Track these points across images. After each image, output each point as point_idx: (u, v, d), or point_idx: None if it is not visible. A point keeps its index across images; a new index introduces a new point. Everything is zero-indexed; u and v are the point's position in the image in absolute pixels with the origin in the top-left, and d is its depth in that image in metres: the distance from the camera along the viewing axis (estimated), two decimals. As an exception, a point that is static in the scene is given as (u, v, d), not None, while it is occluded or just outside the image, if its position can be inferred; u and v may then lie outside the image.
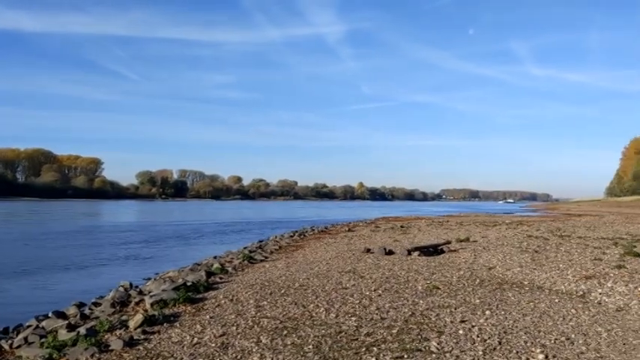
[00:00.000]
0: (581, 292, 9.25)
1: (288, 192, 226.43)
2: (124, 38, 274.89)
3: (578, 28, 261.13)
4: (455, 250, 15.78)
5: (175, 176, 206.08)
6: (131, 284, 11.79)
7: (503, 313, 7.62)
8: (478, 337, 6.29)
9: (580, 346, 5.95)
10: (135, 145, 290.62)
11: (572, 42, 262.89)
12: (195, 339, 6.34)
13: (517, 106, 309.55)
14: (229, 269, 12.47)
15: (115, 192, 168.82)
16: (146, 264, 18.14)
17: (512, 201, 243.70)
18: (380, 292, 9.20)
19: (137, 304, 8.89)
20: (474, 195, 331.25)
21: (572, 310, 7.80)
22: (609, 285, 9.60)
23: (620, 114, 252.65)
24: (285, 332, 6.56)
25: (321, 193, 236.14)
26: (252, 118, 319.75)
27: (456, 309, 7.85)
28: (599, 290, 9.26)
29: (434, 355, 5.59)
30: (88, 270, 16.77)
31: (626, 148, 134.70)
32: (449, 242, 17.51)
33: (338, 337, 6.33)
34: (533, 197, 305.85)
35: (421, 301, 8.38)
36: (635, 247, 15.63)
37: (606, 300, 8.61)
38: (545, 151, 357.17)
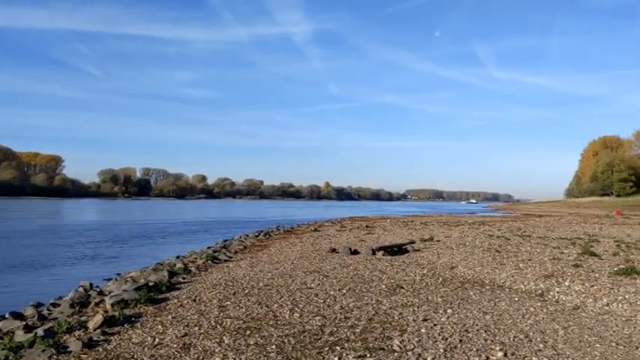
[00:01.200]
0: (539, 291, 9.49)
1: (254, 191, 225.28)
2: (88, 34, 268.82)
3: (540, 33, 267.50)
4: (419, 250, 15.97)
5: (139, 175, 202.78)
6: (91, 285, 11.53)
7: (464, 311, 7.75)
8: (440, 335, 6.38)
9: (538, 343, 6.10)
10: (98, 143, 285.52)
11: (533, 47, 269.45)
12: (157, 340, 6.24)
13: (481, 109, 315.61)
14: (192, 269, 12.32)
15: (75, 190, 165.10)
16: (108, 264, 17.78)
17: (474, 201, 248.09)
18: (344, 291, 9.24)
19: (97, 304, 8.70)
20: (439, 195, 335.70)
21: (531, 309, 7.99)
22: (567, 284, 9.86)
23: (579, 117, 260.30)
24: (249, 332, 6.52)
25: (288, 193, 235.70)
26: (218, 116, 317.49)
27: (418, 308, 7.94)
28: (557, 289, 9.51)
29: (396, 354, 5.64)
30: (48, 270, 16.33)
31: (585, 151, 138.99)
32: (413, 242, 17.72)
33: (301, 336, 6.33)
34: (495, 198, 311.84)
35: (385, 300, 8.45)
36: (591, 246, 16.11)
37: (563, 298, 8.85)
38: (507, 152, 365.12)
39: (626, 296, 8.65)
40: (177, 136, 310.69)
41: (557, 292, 9.26)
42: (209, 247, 18.73)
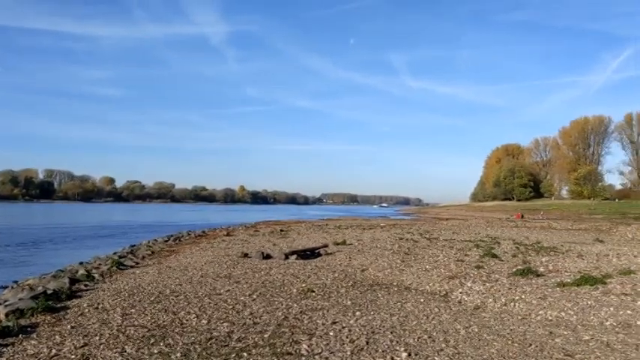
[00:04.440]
0: (444, 292, 9.85)
1: (165, 194, 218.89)
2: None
3: (450, 45, 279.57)
4: (331, 253, 16.13)
5: (41, 176, 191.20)
6: (-17, 294, 10.69)
7: (372, 313, 7.89)
8: (347, 337, 6.44)
9: (440, 343, 6.30)
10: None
11: (444, 57, 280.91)
12: (54, 351, 5.86)
13: (394, 115, 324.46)
14: (96, 276, 11.74)
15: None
16: (4, 271, 16.56)
17: (386, 205, 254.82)
18: (255, 296, 9.14)
19: (-12, 315, 8.06)
20: (353, 199, 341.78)
21: (435, 309, 8.27)
22: (469, 284, 10.31)
23: (484, 126, 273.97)
24: (153, 341, 6.27)
25: (201, 196, 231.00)
26: (128, 116, 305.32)
27: (328, 311, 7.99)
28: (460, 290, 9.91)
29: (304, 358, 5.63)
30: None
31: (489, 157, 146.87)
32: (326, 245, 17.88)
33: (208, 343, 6.17)
34: (406, 202, 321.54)
35: (295, 305, 8.44)
36: (493, 248, 16.98)
37: (466, 299, 9.24)
38: (418, 158, 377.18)
39: (523, 296, 9.16)
40: (84, 136, 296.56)
41: (460, 293, 9.66)
42: (115, 253, 17.94)
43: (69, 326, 6.99)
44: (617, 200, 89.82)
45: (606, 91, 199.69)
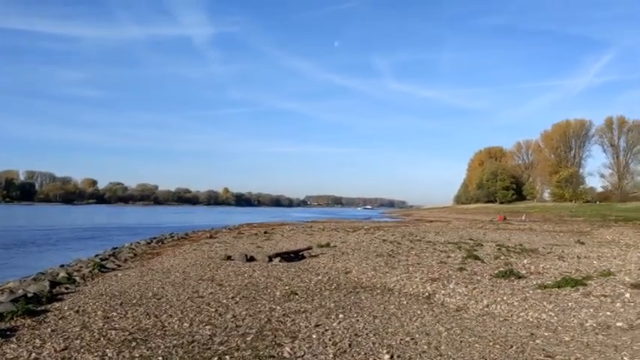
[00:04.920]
0: (427, 294, 9.89)
1: (148, 196, 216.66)
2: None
3: (432, 48, 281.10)
4: (315, 256, 16.12)
5: (22, 178, 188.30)
6: (-40, 298, 10.50)
7: (355, 315, 7.90)
8: (330, 340, 6.45)
9: (422, 345, 6.33)
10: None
11: (426, 60, 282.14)
12: (33, 354, 5.79)
13: (378, 118, 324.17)
14: (77, 279, 11.61)
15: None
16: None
17: (370, 207, 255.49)
18: (237, 299, 9.10)
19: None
20: (338, 201, 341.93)
21: (418, 311, 8.31)
22: (451, 286, 10.36)
23: (466, 128, 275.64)
24: (134, 344, 6.22)
25: (184, 199, 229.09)
26: (110, 118, 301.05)
27: (311, 314, 7.99)
28: (443, 291, 9.96)
29: (286, 361, 5.62)
30: None
31: (472, 160, 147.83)
32: (310, 248, 17.86)
33: (190, 347, 6.13)
34: (391, 204, 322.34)
35: (278, 307, 8.42)
36: (475, 250, 17.10)
37: (448, 301, 9.29)
38: (402, 160, 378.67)
39: (504, 297, 9.23)
40: (66, 137, 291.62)
41: (443, 295, 9.70)
42: (97, 255, 17.76)
43: (49, 330, 6.91)
44: (597, 203, 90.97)
45: (587, 95, 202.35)
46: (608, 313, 7.97)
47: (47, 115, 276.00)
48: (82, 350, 5.98)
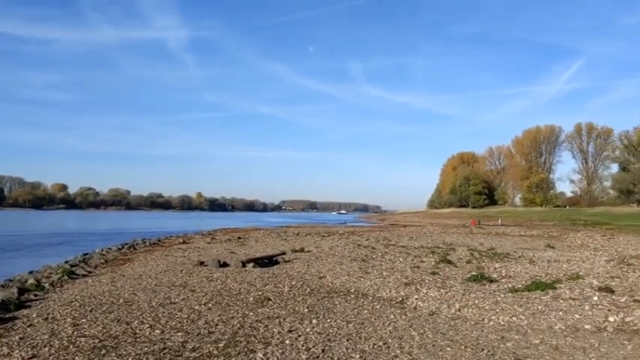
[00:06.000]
0: (400, 298, 9.95)
1: (120, 201, 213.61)
2: None
3: (406, 54, 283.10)
4: (290, 261, 16.08)
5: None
6: None
7: (328, 321, 7.90)
8: (303, 346, 6.43)
9: (395, 349, 6.36)
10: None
11: (400, 66, 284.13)
12: (-1, 364, 5.66)
13: (352, 123, 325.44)
14: (46, 285, 11.37)
15: None
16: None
17: (344, 212, 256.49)
18: (210, 305, 9.02)
19: None
20: (313, 206, 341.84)
21: (391, 316, 8.35)
22: (424, 291, 10.44)
23: (440, 134, 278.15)
24: (104, 351, 6.11)
25: (157, 204, 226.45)
26: (82, 121, 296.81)
27: (284, 319, 7.96)
28: (416, 296, 10.03)
29: (259, 367, 5.59)
30: None
31: (445, 165, 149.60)
32: (284, 253, 17.82)
33: (161, 354, 6.05)
34: (365, 209, 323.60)
35: (251, 313, 8.37)
36: (448, 255, 17.27)
37: (421, 305, 9.35)
38: (377, 165, 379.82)
39: (476, 301, 9.33)
40: (36, 141, 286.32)
41: (416, 299, 9.77)
42: (66, 262, 17.38)
43: (17, 337, 6.75)
44: (567, 207, 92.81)
45: (558, 102, 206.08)
46: (577, 316, 8.12)
47: (17, 119, 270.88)
48: (51, 358, 5.87)
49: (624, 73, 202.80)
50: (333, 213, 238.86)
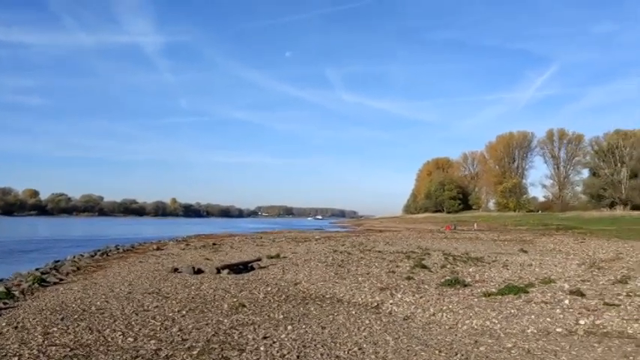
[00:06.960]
0: (375, 304, 9.97)
1: (93, 208, 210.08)
2: None
3: (383, 60, 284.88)
4: (265, 267, 16.00)
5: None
6: None
7: (304, 327, 7.87)
8: (278, 352, 6.40)
9: (370, 355, 6.37)
10: None
11: (377, 72, 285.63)
12: (-36, 376, 5.50)
13: (329, 129, 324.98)
14: (16, 293, 11.13)
15: None
16: None
17: (320, 217, 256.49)
18: (184, 312, 8.93)
19: None
20: (289, 212, 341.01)
21: (367, 321, 8.36)
22: (399, 296, 10.49)
23: (415, 140, 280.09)
24: (75, 361, 6.00)
25: (130, 210, 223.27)
26: (54, 126, 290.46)
27: (259, 326, 7.91)
28: (391, 301, 10.07)
29: (233, 375, 5.54)
30: None
31: (420, 171, 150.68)
32: (259, 259, 17.73)
33: (133, 363, 5.96)
34: (342, 214, 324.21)
35: (226, 320, 8.30)
36: (423, 259, 17.37)
37: (396, 310, 9.39)
38: (353, 171, 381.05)
39: (450, 306, 9.41)
40: (6, 146, 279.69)
41: (391, 304, 9.81)
42: (37, 269, 17.04)
43: (-16, 347, 6.58)
44: (540, 212, 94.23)
45: (531, 108, 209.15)
46: (549, 319, 8.24)
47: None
48: (19, 369, 5.73)
49: (595, 80, 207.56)
50: (309, 218, 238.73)
